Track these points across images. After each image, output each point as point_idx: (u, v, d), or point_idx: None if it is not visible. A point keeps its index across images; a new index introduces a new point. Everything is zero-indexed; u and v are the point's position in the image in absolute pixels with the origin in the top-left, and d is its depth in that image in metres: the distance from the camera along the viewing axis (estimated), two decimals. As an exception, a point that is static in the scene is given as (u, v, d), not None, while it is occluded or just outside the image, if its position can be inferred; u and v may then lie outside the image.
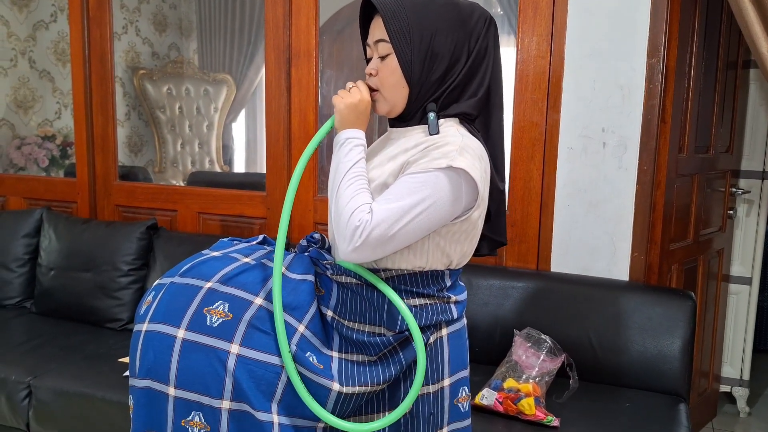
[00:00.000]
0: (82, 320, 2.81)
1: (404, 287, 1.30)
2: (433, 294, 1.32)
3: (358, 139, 1.31)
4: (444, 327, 1.34)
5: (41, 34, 3.99)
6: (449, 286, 1.34)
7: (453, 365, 1.35)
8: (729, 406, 3.24)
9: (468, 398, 1.39)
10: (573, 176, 2.39)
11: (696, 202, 2.64)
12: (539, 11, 2.37)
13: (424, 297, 1.31)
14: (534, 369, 2.06)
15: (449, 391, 1.34)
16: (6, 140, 3.87)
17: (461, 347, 1.38)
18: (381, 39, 1.31)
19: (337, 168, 1.29)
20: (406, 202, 1.20)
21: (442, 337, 1.34)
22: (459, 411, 1.37)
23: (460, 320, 1.38)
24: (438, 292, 1.32)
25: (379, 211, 1.20)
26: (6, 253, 3.01)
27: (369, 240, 1.19)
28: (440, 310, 1.32)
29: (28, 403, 2.30)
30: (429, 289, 1.31)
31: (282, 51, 2.77)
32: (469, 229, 1.32)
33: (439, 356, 1.33)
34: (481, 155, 1.29)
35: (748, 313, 3.12)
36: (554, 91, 2.37)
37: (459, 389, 1.36)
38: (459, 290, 1.37)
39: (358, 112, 1.32)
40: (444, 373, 1.34)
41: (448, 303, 1.34)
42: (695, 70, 2.48)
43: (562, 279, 2.38)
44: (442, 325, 1.33)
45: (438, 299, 1.32)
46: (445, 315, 1.32)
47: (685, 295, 2.24)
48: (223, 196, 2.99)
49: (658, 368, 2.17)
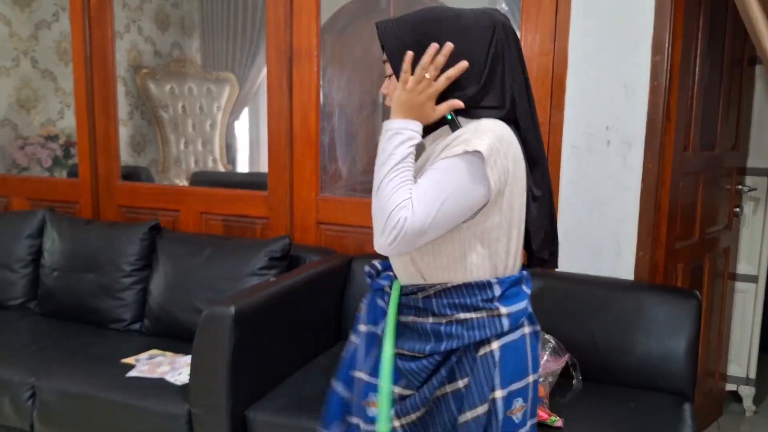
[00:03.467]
0: (85, 321, 2.81)
1: (449, 300, 1.29)
2: (479, 306, 1.29)
3: (411, 130, 1.28)
4: (495, 340, 1.30)
5: (43, 34, 3.99)
6: (499, 297, 1.30)
7: (505, 378, 1.30)
8: (735, 405, 3.22)
9: (522, 408, 1.33)
10: (577, 175, 2.37)
11: (702, 200, 2.63)
12: (542, 9, 2.35)
13: (470, 310, 1.28)
14: (538, 370, 2.05)
15: (502, 403, 1.30)
16: (9, 140, 3.87)
17: (518, 358, 1.33)
18: (385, 59, 1.32)
19: (384, 160, 1.26)
20: (434, 193, 1.20)
21: (492, 350, 1.29)
22: (512, 422, 1.32)
23: (514, 331, 1.32)
24: (485, 303, 1.29)
25: (417, 207, 1.20)
26: (9, 253, 3.00)
27: (407, 236, 1.20)
28: (487, 324, 1.28)
29: (32, 404, 2.30)
30: (474, 300, 1.29)
31: (283, 50, 2.76)
32: (503, 222, 1.28)
33: (488, 370, 1.29)
34: (503, 135, 1.25)
35: (755, 311, 3.10)
36: (558, 89, 2.36)
37: (512, 401, 1.31)
38: (513, 300, 1.32)
39: (415, 103, 1.28)
40: (495, 386, 1.29)
41: (497, 316, 1.29)
42: (700, 68, 2.45)
43: (566, 278, 2.36)
44: (492, 339, 1.30)
45: (486, 312, 1.29)
46: (493, 329, 1.29)
47: (690, 294, 2.22)
48: (226, 196, 2.99)
49: (662, 368, 2.15)
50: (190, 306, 2.57)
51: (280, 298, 2.26)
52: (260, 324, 2.12)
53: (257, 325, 2.11)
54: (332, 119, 3.50)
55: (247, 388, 2.08)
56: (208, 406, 2.04)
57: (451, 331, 1.29)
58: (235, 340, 2.00)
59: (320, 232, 2.82)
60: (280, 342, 2.25)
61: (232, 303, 2.04)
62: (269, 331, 2.19)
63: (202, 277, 2.61)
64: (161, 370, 2.31)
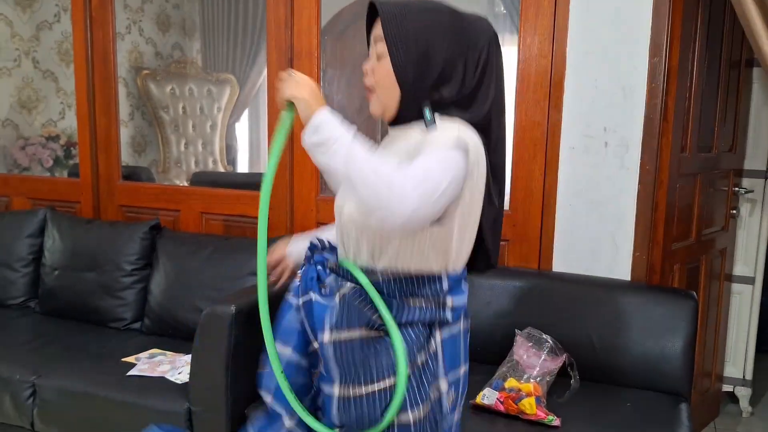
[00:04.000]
0: (85, 320, 2.82)
1: (399, 287, 1.31)
2: (428, 295, 1.32)
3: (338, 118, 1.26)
4: (437, 330, 1.33)
5: (45, 35, 4.01)
6: (447, 290, 1.34)
7: (447, 367, 1.35)
8: (732, 406, 3.23)
9: (452, 399, 1.37)
10: (575, 176, 2.38)
11: (698, 201, 2.64)
12: (541, 11, 2.37)
13: (419, 297, 1.31)
14: (535, 369, 2.06)
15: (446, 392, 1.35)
16: (10, 141, 3.89)
17: (455, 350, 1.38)
18: (380, 39, 1.31)
19: (348, 152, 1.20)
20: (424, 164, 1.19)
21: (435, 341, 1.33)
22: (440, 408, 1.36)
23: (455, 323, 1.37)
24: (434, 294, 1.32)
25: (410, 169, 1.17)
26: (10, 253, 3.02)
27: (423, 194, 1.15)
28: (434, 312, 1.32)
29: (32, 402, 2.31)
30: (424, 290, 1.32)
31: (284, 51, 2.77)
32: (462, 222, 1.30)
33: (435, 357, 1.33)
34: (472, 138, 1.27)
35: (751, 312, 3.11)
36: (556, 90, 2.37)
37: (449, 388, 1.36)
38: (457, 294, 1.36)
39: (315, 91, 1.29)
40: (438, 375, 1.33)
41: (443, 307, 1.33)
42: (698, 69, 2.47)
43: (563, 279, 2.38)
44: (435, 326, 1.33)
45: (433, 301, 1.32)
46: (439, 317, 1.33)
47: (687, 295, 2.24)
48: (226, 196, 3.00)
49: (659, 368, 2.16)
50: (191, 305, 2.58)
51: (280, 298, 2.26)
52: (260, 323, 2.13)
53: (257, 325, 2.11)
54: (332, 120, 3.51)
55: (247, 386, 2.08)
56: (207, 404, 2.05)
57: (399, 308, 1.30)
58: (234, 339, 2.01)
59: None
60: (279, 341, 2.26)
61: (232, 302, 2.05)
62: (269, 330, 2.20)
63: (203, 277, 2.62)
64: (161, 369, 2.33)
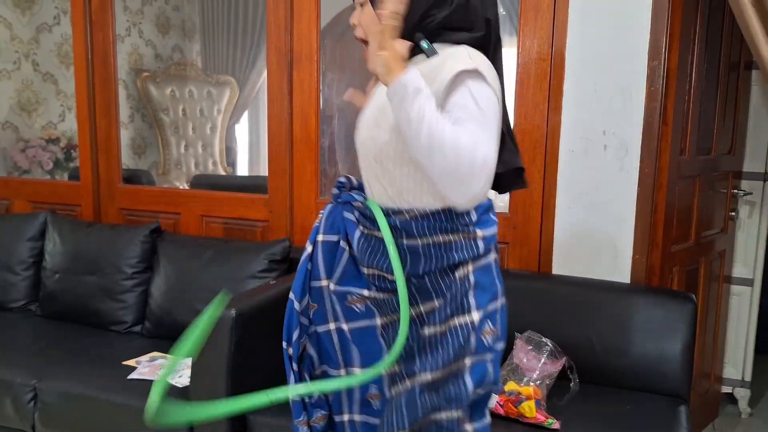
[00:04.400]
0: (86, 323, 2.82)
1: (428, 223, 1.30)
2: (457, 229, 1.31)
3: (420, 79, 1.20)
4: (470, 263, 1.32)
5: (44, 37, 4.01)
6: (475, 221, 1.32)
7: (481, 300, 1.32)
8: (731, 407, 3.24)
9: (492, 332, 1.34)
10: (574, 179, 2.39)
11: (698, 203, 2.64)
12: (540, 13, 2.38)
13: (448, 233, 1.30)
14: (535, 372, 2.07)
15: (478, 325, 1.32)
16: (10, 143, 3.89)
17: (491, 281, 1.35)
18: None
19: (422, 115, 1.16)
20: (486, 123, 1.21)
21: (468, 273, 1.32)
22: (482, 344, 1.33)
23: (487, 255, 1.35)
24: (463, 227, 1.31)
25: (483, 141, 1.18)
26: (11, 256, 3.02)
27: (492, 168, 1.18)
28: (464, 246, 1.31)
29: (33, 405, 2.31)
30: (452, 224, 1.30)
31: (284, 54, 2.78)
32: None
33: (465, 292, 1.31)
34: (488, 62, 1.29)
35: (750, 314, 3.12)
36: (555, 93, 2.38)
37: (485, 323, 1.33)
38: (487, 224, 1.35)
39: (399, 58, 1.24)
40: (471, 307, 1.31)
41: (473, 239, 1.32)
42: (697, 72, 2.47)
43: (563, 281, 2.38)
44: (468, 261, 1.32)
45: (463, 234, 1.31)
46: (470, 251, 1.31)
47: (686, 297, 2.24)
48: (226, 199, 3.00)
49: (658, 370, 2.17)
50: (191, 308, 2.59)
51: (281, 301, 2.26)
52: (260, 326, 2.14)
53: (257, 328, 2.12)
54: (332, 122, 3.51)
55: (247, 389, 2.08)
56: (208, 407, 2.05)
57: (429, 252, 1.31)
58: (235, 342, 2.02)
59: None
60: (279, 344, 2.26)
61: (232, 305, 2.05)
62: (269, 333, 2.20)
63: (203, 280, 2.63)
64: (162, 372, 2.33)
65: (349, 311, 1.42)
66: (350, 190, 1.47)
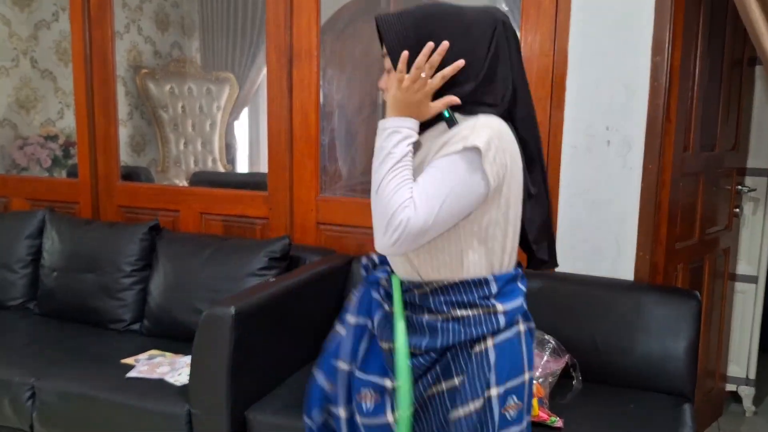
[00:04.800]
0: (85, 321, 2.81)
1: (446, 298, 1.29)
2: (475, 303, 1.28)
3: (408, 128, 1.28)
4: (490, 337, 1.29)
5: (43, 34, 3.99)
6: (495, 293, 1.29)
7: (501, 376, 1.29)
8: (735, 405, 3.22)
9: (517, 407, 1.32)
10: (577, 176, 2.37)
11: (702, 200, 2.63)
12: (542, 10, 2.35)
13: (466, 307, 1.28)
14: (538, 370, 2.05)
15: (497, 401, 1.29)
16: (8, 140, 3.87)
17: (513, 356, 1.32)
18: (385, 53, 1.32)
19: (383, 159, 1.26)
20: (435, 192, 1.21)
21: (487, 348, 1.29)
22: (505, 420, 1.31)
23: (509, 329, 1.32)
24: (481, 300, 1.28)
25: (419, 207, 1.20)
26: (9, 254, 3.00)
27: (409, 236, 1.20)
28: (483, 321, 1.28)
29: (31, 404, 2.30)
30: (471, 297, 1.28)
31: (283, 50, 2.76)
32: (500, 218, 1.28)
33: (483, 368, 1.28)
34: (501, 131, 1.25)
35: (755, 311, 3.10)
36: (558, 90, 2.36)
37: (507, 398, 1.30)
38: (510, 297, 1.32)
39: (411, 101, 1.28)
40: (490, 383, 1.28)
41: (493, 313, 1.29)
42: (700, 68, 2.46)
43: (566, 279, 2.36)
44: (487, 336, 1.29)
45: (482, 309, 1.29)
46: (489, 326, 1.28)
47: (690, 294, 2.22)
48: (225, 196, 2.99)
49: (662, 369, 2.15)
50: (190, 306, 2.57)
51: (280, 299, 2.26)
52: (260, 324, 2.12)
53: (257, 326, 2.11)
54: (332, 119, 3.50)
55: (247, 388, 2.08)
56: (207, 406, 2.04)
57: (447, 327, 1.29)
58: (234, 341, 2.00)
59: (320, 232, 2.82)
60: (279, 342, 2.25)
61: (232, 303, 2.04)
62: (269, 331, 2.19)
63: (202, 278, 2.61)
64: (161, 371, 2.31)
65: (358, 406, 1.40)
66: (374, 267, 1.47)
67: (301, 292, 2.37)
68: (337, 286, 2.58)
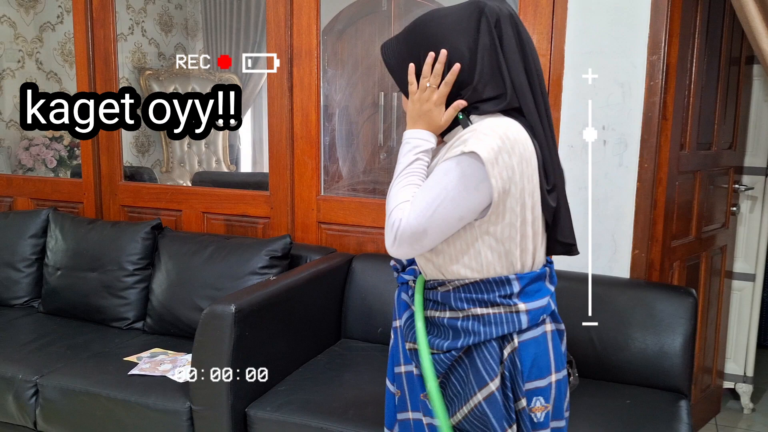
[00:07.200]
0: (88, 319, 2.84)
1: (467, 296, 1.29)
2: (496, 302, 1.28)
3: (418, 138, 1.32)
4: (515, 337, 1.29)
5: (48, 36, 4.02)
6: (518, 293, 1.29)
7: (527, 375, 1.29)
8: (733, 402, 3.23)
9: (544, 408, 1.31)
10: (574, 174, 2.39)
11: (698, 198, 2.64)
12: (539, 9, 2.37)
13: (488, 305, 1.28)
14: (534, 366, 2.07)
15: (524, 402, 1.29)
16: (14, 141, 3.91)
17: (539, 356, 1.30)
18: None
19: (396, 168, 1.34)
20: (430, 195, 1.23)
21: (515, 348, 1.29)
22: (531, 421, 1.31)
23: (534, 328, 1.31)
24: (502, 299, 1.28)
25: (412, 208, 1.24)
26: (13, 253, 3.04)
27: (404, 236, 1.24)
28: (505, 320, 1.27)
29: (35, 401, 2.33)
30: (492, 295, 1.28)
31: (284, 51, 2.78)
32: (515, 221, 1.26)
33: (514, 368, 1.29)
34: (507, 132, 1.23)
35: (752, 309, 3.11)
36: (554, 89, 2.38)
37: (532, 399, 1.30)
38: (534, 296, 1.31)
39: (421, 112, 1.32)
40: (516, 383, 1.29)
41: (516, 312, 1.28)
42: (697, 67, 2.47)
43: (562, 276, 2.35)
44: (513, 336, 1.29)
45: (504, 307, 1.28)
46: (512, 325, 1.28)
47: (686, 292, 2.24)
48: (227, 195, 3.01)
49: (659, 365, 2.17)
50: (192, 304, 2.60)
51: (281, 297, 2.28)
52: (260, 322, 2.15)
53: (257, 324, 2.13)
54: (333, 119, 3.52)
55: (248, 385, 2.10)
56: (209, 403, 2.06)
57: (467, 326, 1.29)
58: (235, 338, 2.02)
59: (321, 231, 2.84)
60: (280, 340, 2.28)
61: (232, 301, 2.06)
62: (269, 329, 2.22)
63: (204, 276, 2.63)
64: (163, 368, 2.34)
65: (423, 405, 1.39)
66: (403, 270, 1.47)
67: (302, 291, 2.39)
68: (337, 285, 2.60)
